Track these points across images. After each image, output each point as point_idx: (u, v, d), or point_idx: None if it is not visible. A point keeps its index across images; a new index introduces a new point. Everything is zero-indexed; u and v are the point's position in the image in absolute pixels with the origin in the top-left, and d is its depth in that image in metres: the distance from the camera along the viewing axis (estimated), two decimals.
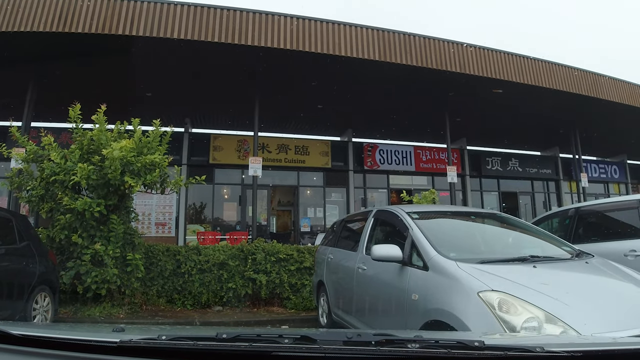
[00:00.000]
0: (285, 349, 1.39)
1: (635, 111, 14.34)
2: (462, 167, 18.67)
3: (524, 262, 3.26)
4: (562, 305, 2.55)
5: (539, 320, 2.47)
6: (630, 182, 23.92)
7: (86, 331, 1.93)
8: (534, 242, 4.09)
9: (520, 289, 2.67)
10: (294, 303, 7.64)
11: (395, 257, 3.55)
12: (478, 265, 3.08)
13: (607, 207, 6.35)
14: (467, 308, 2.74)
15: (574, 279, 3.20)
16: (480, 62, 11.45)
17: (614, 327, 2.48)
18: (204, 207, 15.38)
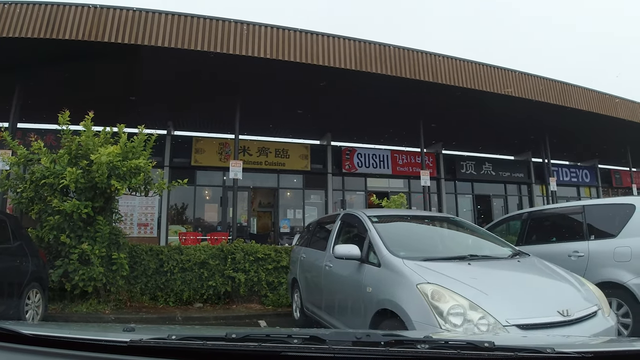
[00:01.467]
0: (294, 349, 1.41)
1: (602, 118, 15.05)
2: (438, 171, 19.31)
3: (462, 260, 3.80)
4: (484, 295, 3.07)
5: (464, 307, 2.98)
6: (600, 186, 24.79)
7: (96, 331, 1.97)
8: (478, 243, 4.65)
9: (451, 282, 3.20)
10: (271, 300, 8.01)
11: (354, 255, 4.07)
12: (421, 263, 3.58)
13: (556, 211, 6.95)
14: (408, 298, 3.25)
15: (501, 274, 3.74)
16: (452, 71, 11.95)
17: (527, 315, 3.00)
18: (186, 208, 15.71)
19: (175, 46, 9.42)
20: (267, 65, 10.39)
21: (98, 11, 9.14)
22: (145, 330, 1.80)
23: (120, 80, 10.87)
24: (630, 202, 5.46)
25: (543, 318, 2.97)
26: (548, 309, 3.07)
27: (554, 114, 14.42)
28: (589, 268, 5.36)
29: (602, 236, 5.48)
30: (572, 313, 3.04)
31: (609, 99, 15.43)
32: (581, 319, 3.09)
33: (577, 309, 3.13)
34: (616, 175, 25.33)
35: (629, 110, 15.93)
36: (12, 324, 1.69)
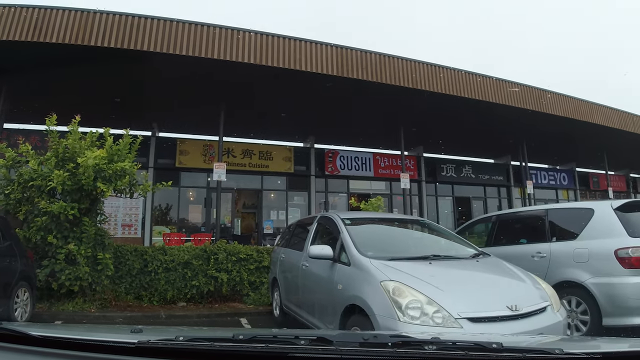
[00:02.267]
0: (301, 350, 1.42)
1: (579, 124, 15.55)
2: (419, 173, 19.70)
3: (424, 260, 4.13)
4: (440, 291, 3.38)
5: (421, 302, 3.29)
6: (578, 189, 25.42)
7: (104, 332, 1.99)
8: (443, 245, 5.01)
9: (411, 279, 3.51)
10: (252, 299, 8.24)
11: (327, 255, 4.39)
12: (386, 262, 3.89)
13: (522, 215, 7.34)
14: (373, 294, 3.56)
15: (458, 273, 4.08)
16: (431, 78, 12.29)
17: (477, 309, 3.33)
18: (170, 209, 15.84)
19: (160, 51, 9.57)
20: (251, 70, 10.60)
21: (85, 15, 9.28)
22: (153, 332, 1.83)
23: (106, 82, 11.03)
24: (589, 207, 5.85)
25: (492, 312, 3.30)
26: (497, 304, 3.39)
27: (532, 119, 14.84)
28: (550, 268, 5.72)
29: (563, 238, 5.86)
30: (521, 308, 3.37)
31: (585, 105, 15.94)
32: (529, 314, 3.42)
33: (526, 304, 3.46)
34: (594, 178, 25.99)
35: (604, 116, 16.47)
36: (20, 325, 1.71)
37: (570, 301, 5.51)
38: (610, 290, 5.11)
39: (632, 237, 5.16)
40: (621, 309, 5.05)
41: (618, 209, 5.48)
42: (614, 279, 5.10)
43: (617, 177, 27.73)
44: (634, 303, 4.98)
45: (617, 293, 5.06)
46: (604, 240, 5.31)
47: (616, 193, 27.05)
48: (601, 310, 5.16)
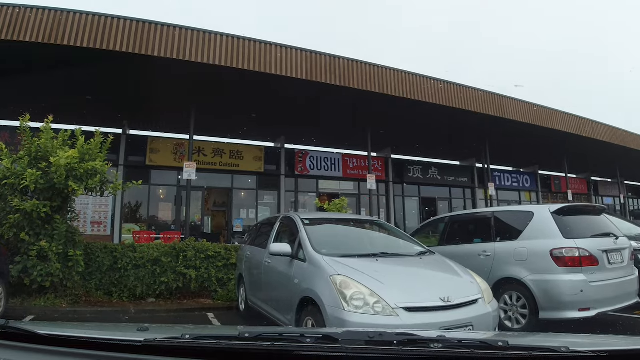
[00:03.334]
0: (307, 349, 1.43)
1: (539, 129, 16.31)
2: (387, 174, 20.23)
3: (372, 257, 4.56)
4: (381, 284, 3.82)
5: (363, 294, 3.71)
6: (540, 191, 26.40)
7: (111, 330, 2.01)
8: (393, 243, 5.47)
9: (356, 274, 3.93)
10: (220, 295, 8.51)
11: (286, 252, 4.79)
12: (337, 259, 4.31)
13: (471, 217, 7.89)
14: (323, 286, 3.97)
15: (401, 268, 4.55)
16: (398, 83, 12.70)
17: (413, 300, 3.77)
18: (140, 207, 15.86)
19: (132, 51, 9.67)
20: (222, 72, 10.80)
21: (58, 15, 9.34)
22: (159, 330, 1.86)
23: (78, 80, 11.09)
24: (529, 210, 6.39)
25: (426, 303, 3.74)
26: (432, 295, 3.84)
27: (493, 124, 15.47)
28: (494, 266, 6.23)
29: (506, 238, 6.37)
30: (453, 300, 3.82)
31: (544, 111, 16.68)
32: (460, 305, 3.88)
33: (458, 296, 3.91)
34: (556, 181, 26.96)
35: (564, 122, 17.26)
36: (27, 324, 1.76)
37: (512, 296, 6.02)
38: (546, 286, 5.63)
39: (566, 238, 5.70)
40: (555, 303, 5.57)
41: (555, 212, 6.02)
42: (549, 276, 5.63)
43: (579, 180, 28.92)
44: (567, 298, 5.52)
45: (552, 289, 5.58)
46: (541, 241, 5.84)
47: (577, 195, 28.23)
48: (538, 305, 5.68)
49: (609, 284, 5.72)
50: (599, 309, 5.53)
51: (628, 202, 32.40)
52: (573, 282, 5.48)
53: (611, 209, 30.64)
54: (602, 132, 18.95)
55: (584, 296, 5.45)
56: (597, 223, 6.39)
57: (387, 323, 3.55)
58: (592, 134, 18.44)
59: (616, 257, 5.99)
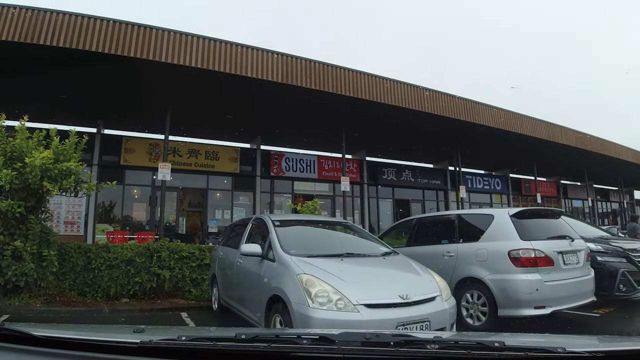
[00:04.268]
0: (304, 350, 1.44)
1: (508, 134, 16.82)
2: (361, 176, 20.54)
3: (338, 257, 4.80)
4: (344, 282, 4.06)
5: (327, 292, 3.94)
6: (511, 194, 27.09)
7: (106, 332, 2.02)
8: (359, 244, 5.73)
9: (321, 273, 4.16)
10: (194, 295, 8.62)
11: (257, 252, 4.99)
12: (304, 258, 4.54)
13: (437, 219, 8.22)
14: (290, 285, 4.19)
15: (364, 268, 4.81)
16: (372, 88, 12.97)
17: (373, 297, 4.01)
18: (114, 207, 15.76)
19: (109, 52, 9.66)
20: (199, 74, 10.86)
21: (35, 14, 9.31)
22: (155, 332, 1.86)
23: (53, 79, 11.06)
24: (490, 213, 6.73)
25: (386, 300, 3.99)
26: (391, 293, 4.09)
27: (465, 128, 15.92)
28: (457, 265, 6.54)
29: (468, 240, 6.70)
30: (411, 297, 4.09)
31: (515, 117, 17.21)
32: (418, 302, 4.14)
33: (417, 294, 4.18)
34: (526, 184, 27.70)
35: (533, 127, 17.83)
36: (22, 325, 1.74)
37: (473, 295, 6.33)
38: (504, 285, 5.96)
39: (523, 240, 6.04)
40: (513, 301, 5.90)
41: (514, 215, 6.36)
42: (507, 276, 5.95)
43: (548, 184, 29.77)
44: (523, 297, 5.85)
45: (510, 288, 5.91)
46: (500, 243, 6.17)
47: (547, 198, 29.06)
48: (497, 303, 6.00)
49: (564, 283, 6.06)
50: (554, 307, 5.86)
51: (596, 205, 33.48)
52: (529, 281, 5.81)
53: (580, 211, 31.66)
54: (570, 138, 19.62)
55: (540, 295, 5.78)
56: (554, 226, 6.75)
57: (349, 319, 3.79)
58: (560, 139, 19.10)
59: (571, 258, 6.34)
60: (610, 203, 35.61)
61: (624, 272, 7.48)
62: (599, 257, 7.60)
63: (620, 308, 7.65)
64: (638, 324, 7.07)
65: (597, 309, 7.37)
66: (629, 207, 37.41)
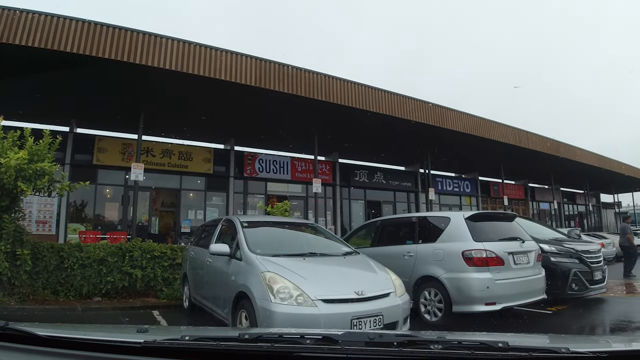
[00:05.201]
0: (307, 350, 1.43)
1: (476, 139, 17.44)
2: (334, 178, 20.92)
3: (300, 256, 5.14)
4: (304, 280, 4.40)
5: (288, 288, 4.28)
6: (480, 196, 27.86)
7: (110, 332, 2.03)
8: (322, 244, 6.10)
9: (284, 271, 4.50)
10: (166, 294, 8.82)
11: (225, 252, 5.30)
12: (269, 257, 4.87)
13: (398, 221, 8.68)
14: (255, 282, 4.52)
15: (324, 267, 5.16)
16: (344, 92, 13.28)
17: (330, 293, 4.36)
18: (86, 207, 15.74)
19: (83, 53, 9.69)
20: (172, 76, 10.96)
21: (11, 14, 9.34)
22: (159, 331, 1.93)
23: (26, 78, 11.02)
24: (447, 216, 7.17)
25: (342, 295, 4.36)
26: (348, 289, 4.46)
27: (436, 133, 16.43)
28: (416, 265, 6.95)
29: (427, 241, 7.12)
30: (366, 293, 4.46)
31: (483, 123, 17.80)
32: (373, 297, 4.51)
33: (372, 291, 4.55)
34: (494, 187, 28.49)
35: (501, 133, 18.48)
36: (26, 325, 1.74)
37: (430, 292, 6.75)
38: (458, 283, 6.39)
39: (476, 241, 6.48)
40: (466, 298, 6.34)
41: (468, 218, 6.81)
42: (460, 275, 6.39)
43: (517, 186, 30.72)
44: (475, 294, 6.29)
45: (463, 286, 6.35)
46: (455, 243, 6.61)
47: (514, 200, 29.97)
48: (451, 300, 6.43)
49: (513, 281, 6.53)
50: (504, 303, 6.32)
51: (563, 207, 34.62)
52: (480, 279, 6.25)
53: (547, 213, 32.70)
54: (536, 143, 20.38)
55: (490, 292, 6.23)
56: (507, 228, 7.22)
57: (307, 312, 4.15)
58: (527, 144, 19.83)
59: (522, 259, 6.82)
60: (577, 205, 36.80)
61: (576, 272, 8.02)
62: (553, 258, 8.11)
63: (573, 306, 8.16)
64: (587, 321, 7.55)
65: (550, 306, 7.88)
66: (595, 209, 38.80)
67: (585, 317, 7.71)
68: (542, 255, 7.70)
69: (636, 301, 9.19)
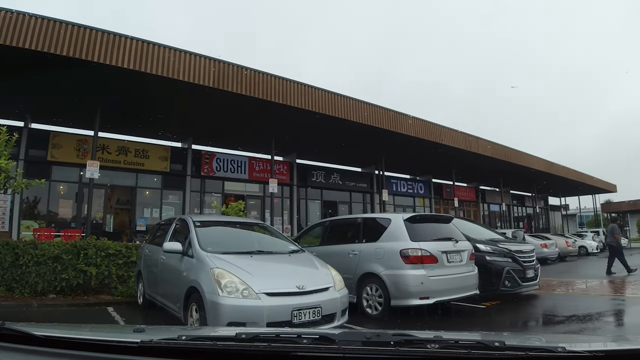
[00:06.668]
0: (304, 349, 1.43)
1: (428, 143, 18.20)
2: (291, 178, 21.34)
3: (248, 254, 5.57)
4: (249, 275, 4.83)
5: (235, 283, 4.70)
6: (433, 197, 28.83)
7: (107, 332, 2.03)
8: (270, 242, 6.56)
9: (232, 267, 4.91)
10: (120, 291, 9.00)
11: (177, 250, 5.66)
12: (219, 255, 5.27)
13: (345, 221, 9.22)
14: (205, 277, 4.92)
15: (270, 263, 5.61)
16: (300, 95, 13.65)
17: (273, 287, 4.81)
18: (39, 203, 15.55)
19: (41, 49, 9.62)
20: (130, 75, 11.05)
21: None
22: (155, 331, 1.88)
23: None
24: (388, 217, 7.74)
25: (284, 289, 4.82)
26: (290, 284, 4.93)
27: (390, 137, 17.09)
28: (359, 262, 7.48)
29: (370, 240, 7.65)
30: (307, 287, 4.94)
31: (435, 127, 18.56)
32: (312, 291, 5.00)
33: (312, 285, 5.03)
34: (447, 189, 29.48)
35: (451, 137, 19.31)
36: (23, 325, 1.74)
37: (372, 287, 7.29)
38: (396, 279, 6.95)
39: (412, 241, 7.06)
40: (402, 293, 6.90)
41: (407, 220, 7.38)
42: (398, 271, 6.95)
43: (468, 189, 31.94)
44: (411, 289, 6.86)
45: (400, 282, 6.91)
46: (394, 243, 7.16)
47: (466, 202, 31.17)
48: (390, 295, 6.98)
49: (446, 278, 7.14)
50: (437, 297, 6.92)
51: (512, 209, 36.17)
52: (415, 276, 6.83)
53: (496, 215, 34.11)
54: (485, 148, 21.37)
55: (424, 287, 6.82)
56: (443, 229, 7.84)
57: (251, 305, 4.59)
58: (476, 149, 20.78)
59: (455, 257, 7.44)
60: (525, 208, 38.47)
61: (509, 270, 8.73)
62: (488, 257, 8.80)
63: (505, 301, 8.85)
64: (516, 315, 8.18)
65: (485, 301, 8.54)
66: (543, 212, 40.66)
67: (515, 311, 8.37)
68: (478, 255, 8.38)
69: (563, 297, 9.96)
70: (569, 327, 6.66)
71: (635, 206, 39.08)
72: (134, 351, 1.50)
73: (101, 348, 1.53)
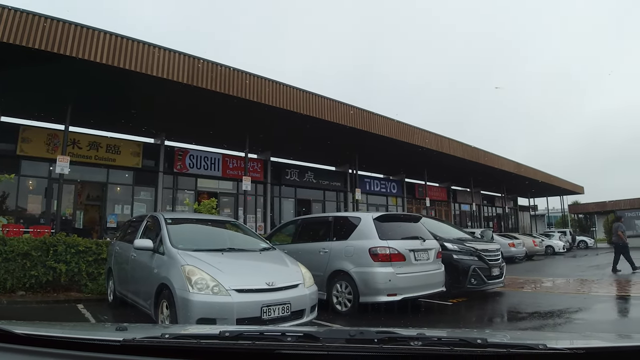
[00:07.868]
0: (288, 347, 1.43)
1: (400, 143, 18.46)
2: (265, 176, 21.38)
3: (219, 251, 5.65)
4: (220, 272, 4.92)
5: (205, 279, 4.78)
6: (405, 196, 29.21)
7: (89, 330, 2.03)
8: (242, 240, 6.65)
9: (202, 264, 4.99)
10: (90, 289, 8.98)
11: (148, 247, 5.71)
12: (190, 252, 5.34)
13: (317, 219, 9.37)
14: (175, 274, 4.98)
15: (240, 261, 5.70)
16: (275, 94, 13.69)
17: (243, 284, 4.90)
18: (7, 199, 15.24)
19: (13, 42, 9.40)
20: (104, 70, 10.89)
21: None
22: (138, 329, 1.88)
23: None
24: (358, 216, 7.91)
25: (253, 286, 4.92)
26: (260, 281, 5.03)
27: (364, 136, 17.27)
28: (330, 260, 7.63)
29: (340, 238, 7.80)
30: (276, 284, 5.05)
31: (407, 128, 18.83)
32: (282, 288, 5.11)
33: (282, 282, 5.15)
34: (419, 188, 29.83)
35: (422, 137, 19.61)
36: (4, 323, 1.71)
37: (341, 284, 7.44)
38: (364, 277, 7.12)
39: (381, 239, 7.24)
40: (371, 290, 7.09)
41: (376, 219, 7.56)
42: (367, 269, 7.13)
43: (440, 189, 32.47)
44: (379, 286, 7.05)
45: (369, 279, 7.09)
46: (363, 241, 7.33)
47: (438, 202, 31.67)
48: (359, 291, 7.15)
49: (413, 275, 7.34)
50: (404, 294, 7.12)
51: (483, 209, 36.93)
52: (383, 273, 7.02)
53: (467, 214, 34.77)
54: (456, 149, 21.78)
55: (392, 284, 7.01)
56: (411, 228, 8.05)
57: (222, 301, 4.68)
58: (448, 150, 21.17)
59: (422, 255, 7.65)
60: (495, 208, 39.31)
61: (475, 268, 9.00)
62: (455, 255, 9.04)
63: (471, 299, 9.16)
64: (482, 311, 8.48)
65: (452, 298, 8.82)
66: (512, 212, 41.60)
67: (480, 308, 8.66)
68: (446, 253, 8.62)
69: (527, 295, 10.29)
70: (531, 323, 6.89)
71: (602, 207, 40.24)
72: (117, 349, 1.49)
73: (84, 346, 1.52)
